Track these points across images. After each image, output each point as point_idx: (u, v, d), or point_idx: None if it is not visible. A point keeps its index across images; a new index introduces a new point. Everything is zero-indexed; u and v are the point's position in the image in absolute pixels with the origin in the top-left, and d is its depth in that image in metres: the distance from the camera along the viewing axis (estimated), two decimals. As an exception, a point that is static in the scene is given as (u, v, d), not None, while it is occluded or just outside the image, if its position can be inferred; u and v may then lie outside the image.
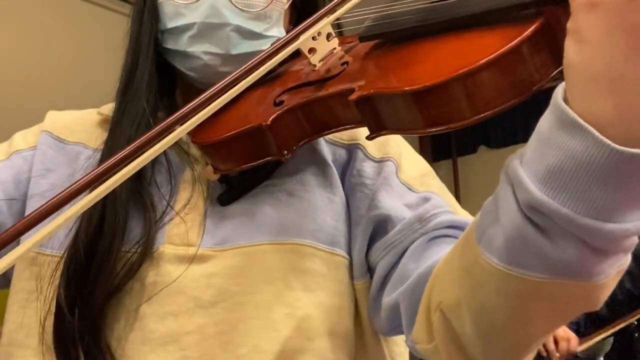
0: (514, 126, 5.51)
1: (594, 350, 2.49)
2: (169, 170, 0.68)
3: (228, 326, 0.62)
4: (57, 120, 0.77)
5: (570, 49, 0.41)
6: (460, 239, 0.54)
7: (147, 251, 0.63)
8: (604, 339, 2.33)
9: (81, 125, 0.76)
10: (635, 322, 2.40)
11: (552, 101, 0.42)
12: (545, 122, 0.42)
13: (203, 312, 0.62)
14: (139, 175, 0.66)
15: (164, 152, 0.68)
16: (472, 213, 0.70)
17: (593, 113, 0.39)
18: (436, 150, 5.78)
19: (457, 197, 0.74)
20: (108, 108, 0.75)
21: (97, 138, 0.73)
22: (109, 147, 0.67)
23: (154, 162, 0.67)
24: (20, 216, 0.69)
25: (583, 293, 0.45)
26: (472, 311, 0.50)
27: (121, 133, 0.67)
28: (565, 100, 0.41)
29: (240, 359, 0.61)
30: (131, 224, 0.64)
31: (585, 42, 0.39)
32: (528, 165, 0.43)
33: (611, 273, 0.44)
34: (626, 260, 0.44)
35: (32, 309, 0.65)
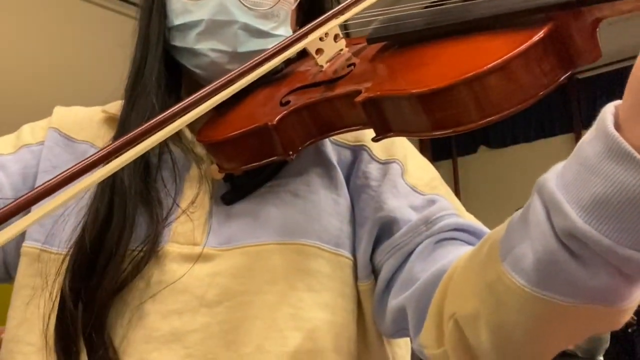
0: (514, 126, 5.52)
1: (594, 346, 2.49)
2: (174, 168, 0.68)
3: (232, 325, 0.62)
4: (65, 116, 0.77)
5: None
6: (479, 250, 0.53)
7: (153, 249, 0.63)
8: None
9: (88, 123, 0.76)
10: (635, 318, 2.40)
11: (599, 126, 0.40)
12: (591, 148, 0.40)
13: (207, 311, 0.62)
14: (146, 170, 0.66)
15: (169, 150, 0.68)
16: (472, 212, 0.70)
17: None
18: (436, 150, 5.79)
19: (457, 197, 0.75)
20: (113, 106, 0.75)
21: (104, 137, 0.73)
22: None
23: (160, 159, 0.68)
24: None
25: (607, 316, 0.45)
26: (491, 326, 0.49)
27: (130, 128, 0.67)
28: (616, 126, 0.39)
29: (243, 358, 0.61)
30: (138, 220, 0.64)
31: None
32: (567, 190, 0.41)
33: (637, 298, 0.44)
34: None
35: (35, 306, 0.64)
